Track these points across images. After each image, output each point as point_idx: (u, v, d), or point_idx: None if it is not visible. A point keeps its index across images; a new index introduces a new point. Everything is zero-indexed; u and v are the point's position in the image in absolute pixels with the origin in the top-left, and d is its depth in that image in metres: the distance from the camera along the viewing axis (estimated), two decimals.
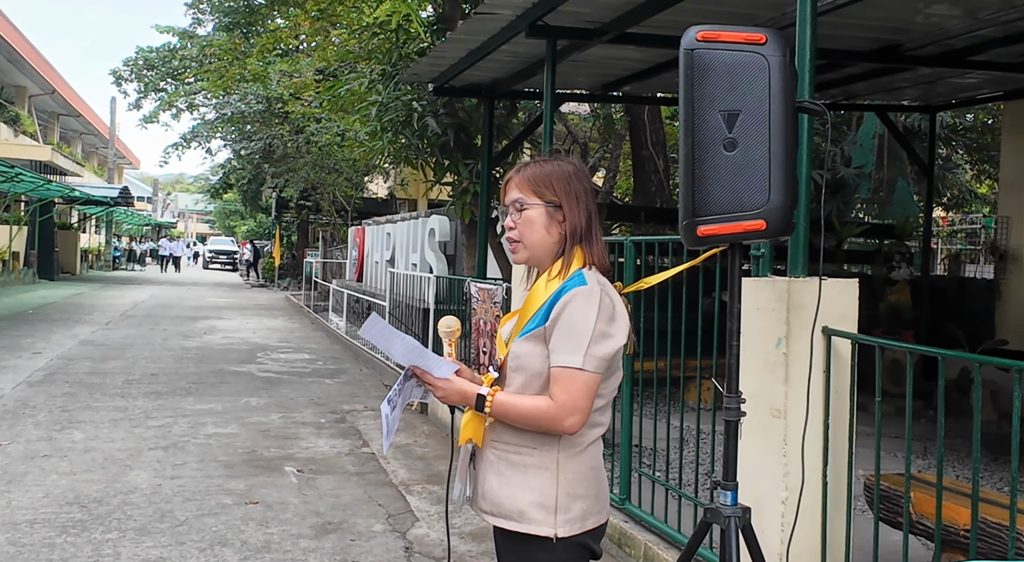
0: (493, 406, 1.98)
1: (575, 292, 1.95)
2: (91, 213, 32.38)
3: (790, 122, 2.39)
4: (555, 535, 1.97)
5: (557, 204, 2.06)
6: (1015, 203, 8.76)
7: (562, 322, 1.94)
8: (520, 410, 1.96)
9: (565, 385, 1.92)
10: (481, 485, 2.08)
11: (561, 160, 2.15)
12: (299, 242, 30.55)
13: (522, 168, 2.12)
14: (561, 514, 1.98)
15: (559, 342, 1.93)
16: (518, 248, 2.10)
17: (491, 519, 2.05)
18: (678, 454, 4.98)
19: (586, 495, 2.01)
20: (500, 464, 2.04)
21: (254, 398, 8.32)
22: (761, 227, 2.36)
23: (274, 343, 13.24)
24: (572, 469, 2.00)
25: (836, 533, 2.88)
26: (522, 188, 2.08)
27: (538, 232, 2.06)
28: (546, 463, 1.99)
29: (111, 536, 4.20)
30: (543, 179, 2.08)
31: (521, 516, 1.99)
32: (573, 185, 2.08)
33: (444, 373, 2.02)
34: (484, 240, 7.93)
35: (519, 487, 2.00)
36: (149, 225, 48.95)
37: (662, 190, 13.31)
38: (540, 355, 1.97)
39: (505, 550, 2.07)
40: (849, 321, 2.91)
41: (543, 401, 1.94)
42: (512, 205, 2.09)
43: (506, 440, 2.03)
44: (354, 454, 6.32)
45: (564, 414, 1.91)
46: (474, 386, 2.02)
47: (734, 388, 2.46)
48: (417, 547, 4.33)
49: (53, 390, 8.08)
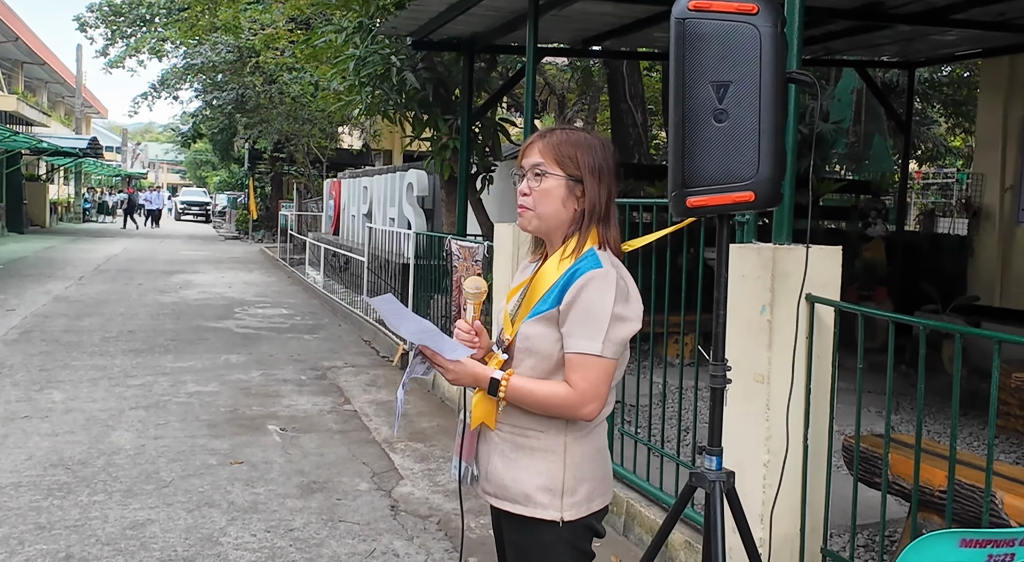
0: (508, 391, 1.93)
1: (591, 275, 1.90)
2: (59, 164, 31.77)
3: (780, 93, 2.38)
4: (561, 519, 1.95)
5: (578, 178, 1.99)
6: (990, 161, 8.85)
7: (578, 306, 1.89)
8: (538, 397, 1.92)
9: (584, 372, 1.88)
10: (484, 467, 2.05)
11: (585, 133, 2.07)
12: (273, 194, 30.22)
13: (548, 133, 2.04)
14: (568, 497, 1.96)
15: (575, 326, 1.89)
16: (528, 216, 2.02)
17: (495, 502, 2.03)
18: (660, 410, 5.05)
19: (592, 477, 2.00)
20: (505, 446, 2.00)
21: (233, 355, 8.31)
22: (750, 199, 2.37)
23: (251, 298, 13.17)
24: (579, 452, 1.98)
25: (816, 494, 2.96)
26: (545, 154, 2.00)
27: (553, 204, 1.99)
28: (553, 446, 1.97)
29: (97, 498, 4.21)
30: (569, 149, 1.99)
31: (527, 500, 1.97)
32: (597, 160, 2.00)
33: (457, 355, 1.96)
34: (464, 196, 7.90)
35: (525, 470, 1.97)
36: (119, 176, 48.13)
37: (640, 144, 13.28)
38: (551, 337, 1.93)
39: (509, 530, 2.05)
40: (832, 288, 2.95)
41: (561, 388, 1.90)
42: (531, 170, 2.01)
43: (513, 422, 1.99)
44: (336, 412, 6.35)
45: (584, 401, 1.88)
46: (487, 369, 1.97)
47: (720, 356, 2.49)
48: (403, 506, 4.39)
49: (30, 349, 8.02)
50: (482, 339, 2.10)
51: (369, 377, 7.72)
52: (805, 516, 2.96)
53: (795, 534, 2.98)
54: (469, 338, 2.07)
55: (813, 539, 3.00)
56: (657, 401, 5.71)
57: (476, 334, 2.08)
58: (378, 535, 3.95)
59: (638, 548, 3.92)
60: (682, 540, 3.57)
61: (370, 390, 7.17)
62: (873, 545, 3.65)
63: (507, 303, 2.14)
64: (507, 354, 2.02)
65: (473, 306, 2.07)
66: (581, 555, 2.05)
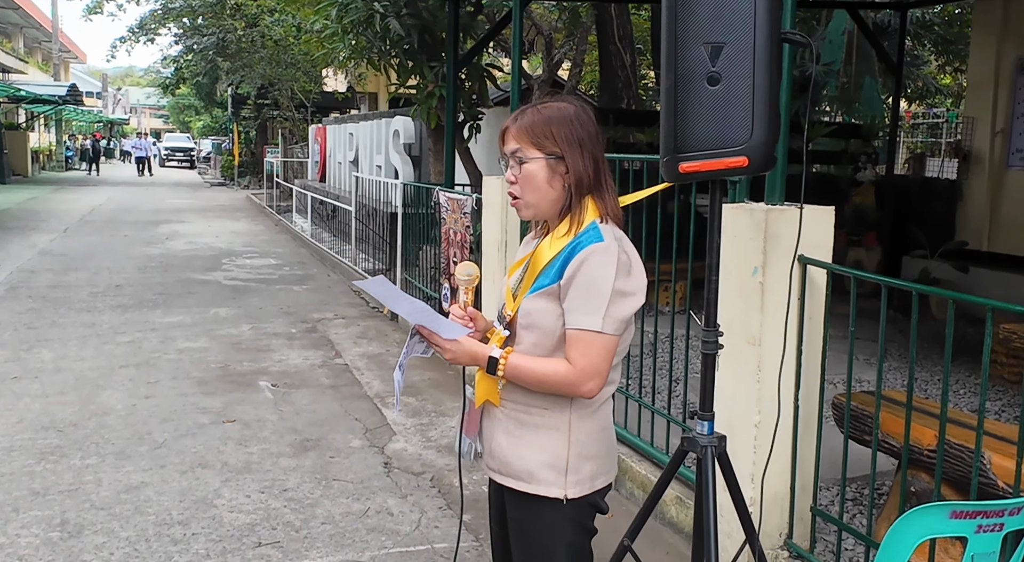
0: (506, 369, 1.90)
1: (592, 249, 1.85)
2: (39, 112, 31.19)
3: (775, 54, 2.32)
4: (565, 497, 1.95)
5: (559, 155, 1.92)
6: (981, 104, 8.77)
7: (578, 281, 1.85)
8: (536, 374, 1.89)
9: (584, 349, 1.84)
10: (488, 443, 2.04)
11: (561, 102, 1.99)
12: (258, 139, 29.85)
13: (519, 115, 1.98)
14: (572, 475, 1.95)
15: (576, 302, 1.85)
16: (520, 205, 1.97)
17: (499, 478, 2.02)
18: (651, 361, 5.06)
19: (597, 455, 1.99)
20: (509, 423, 1.99)
21: (223, 309, 8.28)
22: (743, 164, 2.32)
23: (239, 248, 13.09)
24: (584, 430, 1.96)
25: (806, 454, 2.98)
26: (520, 139, 1.94)
27: (539, 188, 1.94)
28: (558, 424, 1.95)
29: (90, 461, 4.22)
30: (542, 128, 1.93)
31: (531, 477, 1.96)
32: (576, 131, 1.93)
33: (453, 334, 1.94)
34: (452, 145, 7.78)
35: (529, 447, 1.96)
36: (100, 122, 47.37)
37: (629, 87, 13.08)
38: (552, 313, 1.89)
39: (512, 507, 2.04)
40: (824, 249, 2.93)
41: (561, 365, 1.87)
42: (512, 157, 1.96)
43: (516, 399, 1.97)
44: (327, 366, 6.36)
45: (584, 378, 1.85)
46: (485, 347, 1.94)
47: (713, 321, 2.48)
48: (396, 462, 4.42)
49: (16, 306, 7.96)
50: (477, 323, 2.08)
51: (359, 329, 7.71)
52: (795, 475, 2.99)
53: (785, 492, 3.01)
54: (464, 323, 2.05)
55: (803, 497, 3.03)
56: (648, 351, 5.72)
57: (471, 319, 2.06)
58: (372, 494, 3.98)
59: (629, 502, 3.97)
60: (673, 496, 3.61)
61: (361, 343, 7.17)
62: (861, 498, 3.70)
63: (508, 278, 2.11)
64: (508, 330, 1.99)
65: (465, 291, 2.05)
66: (583, 531, 2.05)
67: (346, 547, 3.43)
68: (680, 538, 3.60)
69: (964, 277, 8.04)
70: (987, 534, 1.86)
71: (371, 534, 3.56)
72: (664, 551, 3.51)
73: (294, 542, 3.45)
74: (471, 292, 2.06)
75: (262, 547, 3.40)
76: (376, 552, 3.40)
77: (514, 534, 2.10)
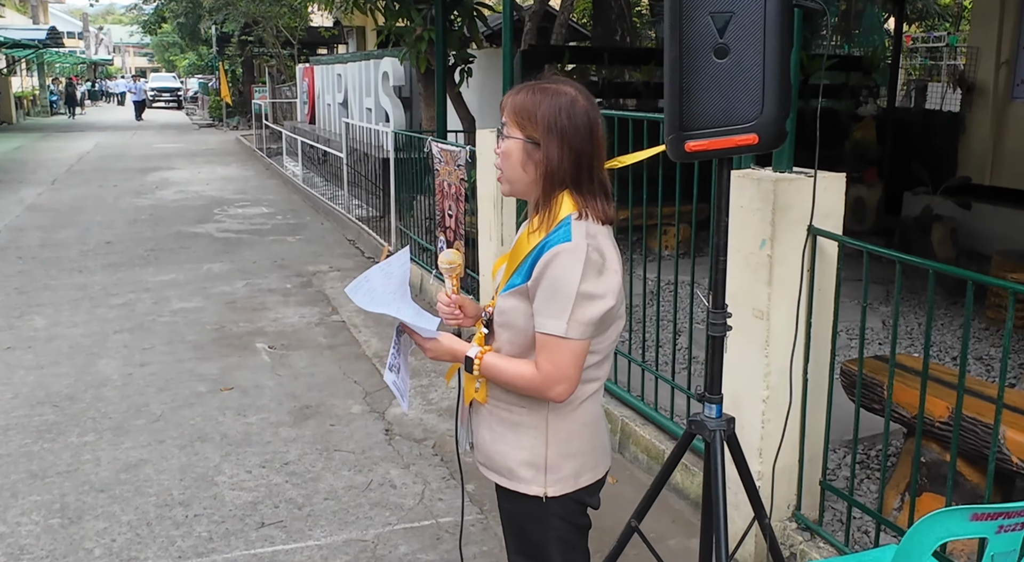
0: (481, 369, 1.88)
1: (557, 250, 1.76)
2: (20, 56, 30.48)
3: (786, 22, 2.18)
4: (545, 495, 1.92)
5: (536, 141, 1.83)
6: (985, 34, 8.53)
7: (544, 283, 1.77)
8: (506, 377, 1.86)
9: (549, 354, 1.78)
10: (475, 437, 2.04)
11: (564, 86, 1.87)
12: (245, 78, 29.28)
13: (517, 90, 1.88)
14: (551, 474, 1.92)
15: (542, 304, 1.78)
16: (502, 180, 1.91)
17: (484, 472, 2.02)
18: (654, 309, 4.98)
19: (579, 453, 1.94)
20: (492, 419, 1.96)
21: (216, 264, 8.18)
22: (753, 141, 2.20)
23: (230, 196, 12.91)
24: (564, 428, 1.92)
25: (815, 426, 2.92)
26: (508, 114, 1.87)
27: (514, 167, 1.86)
28: (535, 422, 1.91)
29: (88, 439, 4.17)
30: (528, 110, 1.83)
31: (511, 474, 1.94)
32: (560, 121, 1.81)
33: (431, 334, 1.91)
34: (442, 92, 7.56)
35: (509, 444, 1.94)
36: (83, 64, 46.39)
37: (623, 18, 12.73)
38: (525, 312, 1.83)
39: (500, 498, 2.04)
40: (834, 218, 2.82)
41: (527, 369, 1.82)
42: (501, 130, 1.89)
43: (498, 396, 1.94)
44: (324, 324, 6.29)
45: (550, 384, 1.80)
46: (464, 346, 1.91)
47: (720, 303, 2.39)
48: (397, 429, 4.37)
49: (7, 269, 7.84)
50: (466, 309, 2.05)
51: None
52: (804, 448, 2.94)
53: (794, 465, 2.96)
54: (451, 311, 2.03)
55: (812, 469, 2.98)
56: (651, 300, 5.64)
57: (458, 307, 2.03)
58: (374, 464, 3.94)
59: (634, 466, 3.94)
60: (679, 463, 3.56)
61: None
62: (869, 460, 3.66)
63: (495, 272, 2.04)
64: (488, 328, 1.96)
65: (450, 278, 1.99)
66: (572, 527, 2.02)
67: (350, 525, 3.40)
68: (686, 504, 3.58)
69: (966, 214, 7.93)
70: (1008, 533, 1.81)
71: (374, 509, 3.53)
72: (670, 519, 3.48)
73: (297, 521, 3.42)
74: (456, 280, 2.02)
75: (265, 528, 3.37)
76: (380, 529, 3.37)
77: (504, 523, 2.10)
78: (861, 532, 3.07)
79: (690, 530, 3.38)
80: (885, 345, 5.24)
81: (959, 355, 4.98)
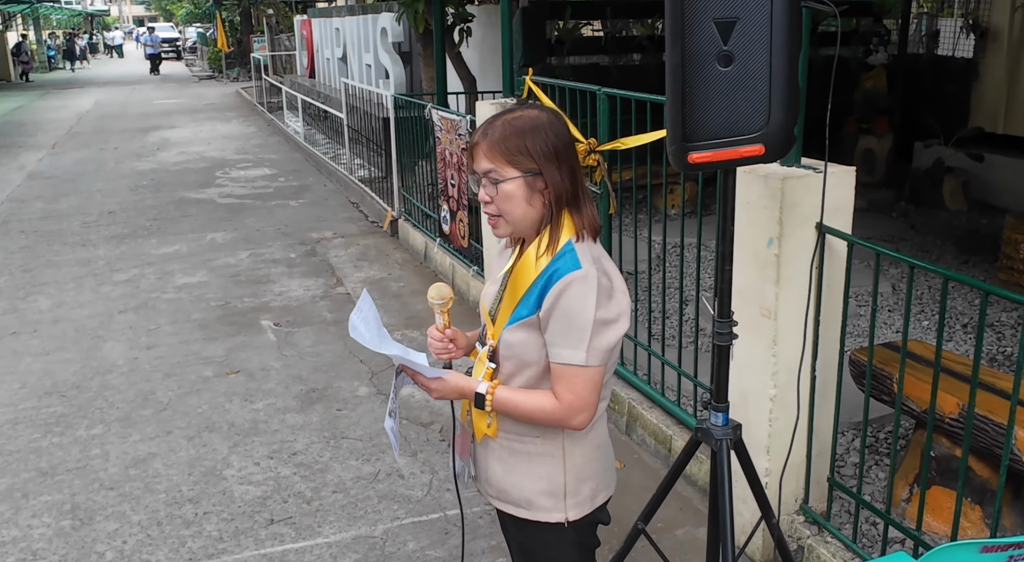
0: (494, 405, 1.83)
1: (569, 279, 1.73)
2: (14, 11, 30.01)
3: (794, 25, 2.08)
4: (566, 520, 1.91)
5: (536, 171, 1.78)
6: None
7: (558, 314, 1.74)
8: (523, 411, 1.82)
9: (569, 384, 1.76)
10: (484, 470, 1.99)
11: (531, 111, 1.83)
12: (243, 27, 28.82)
13: (489, 129, 1.80)
14: (571, 498, 1.91)
15: (557, 335, 1.75)
16: (499, 223, 1.84)
17: (498, 504, 1.99)
18: (660, 277, 4.93)
19: (594, 475, 1.94)
20: (503, 452, 1.93)
21: (219, 233, 8.12)
22: (760, 152, 2.12)
23: (232, 156, 12.79)
24: (579, 453, 1.91)
25: (823, 423, 2.89)
26: (493, 157, 1.78)
27: (519, 207, 1.80)
28: (551, 450, 1.89)
29: (96, 432, 4.17)
30: (515, 142, 1.77)
31: (529, 505, 1.92)
32: (551, 142, 1.78)
33: (436, 373, 1.86)
34: (441, 53, 7.39)
35: (525, 476, 1.91)
36: (80, 16, 45.69)
37: None
38: (535, 344, 1.80)
39: (513, 528, 2.02)
40: (844, 214, 2.74)
41: (548, 401, 1.79)
42: (485, 177, 1.81)
43: (508, 428, 1.90)
44: (329, 297, 6.26)
45: (572, 414, 1.78)
46: (471, 382, 1.86)
47: (726, 312, 2.34)
48: (404, 412, 4.36)
49: (10, 244, 7.80)
50: (457, 342, 2.01)
51: (360, 249, 7.58)
52: (812, 443, 2.91)
53: (801, 461, 2.94)
54: (443, 346, 1.98)
55: (820, 464, 2.96)
56: (656, 266, 5.57)
57: (450, 340, 1.98)
58: (381, 453, 3.95)
59: (641, 449, 3.94)
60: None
61: (361, 266, 7.05)
62: (877, 444, 3.64)
63: (484, 293, 1.99)
64: (493, 362, 1.90)
65: (440, 313, 1.94)
66: (585, 549, 2.03)
67: (358, 519, 3.41)
68: (694, 491, 3.58)
69: (978, 166, 7.79)
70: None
71: (383, 502, 3.54)
72: (678, 507, 3.49)
73: (306, 517, 3.43)
74: (447, 314, 1.97)
75: (275, 525, 3.38)
76: (389, 524, 3.38)
77: (516, 554, 2.10)
78: (869, 524, 3.06)
79: (698, 519, 3.39)
80: (895, 312, 5.18)
81: (970, 324, 4.93)
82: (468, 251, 6.16)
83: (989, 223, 7.23)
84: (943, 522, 2.91)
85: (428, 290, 1.93)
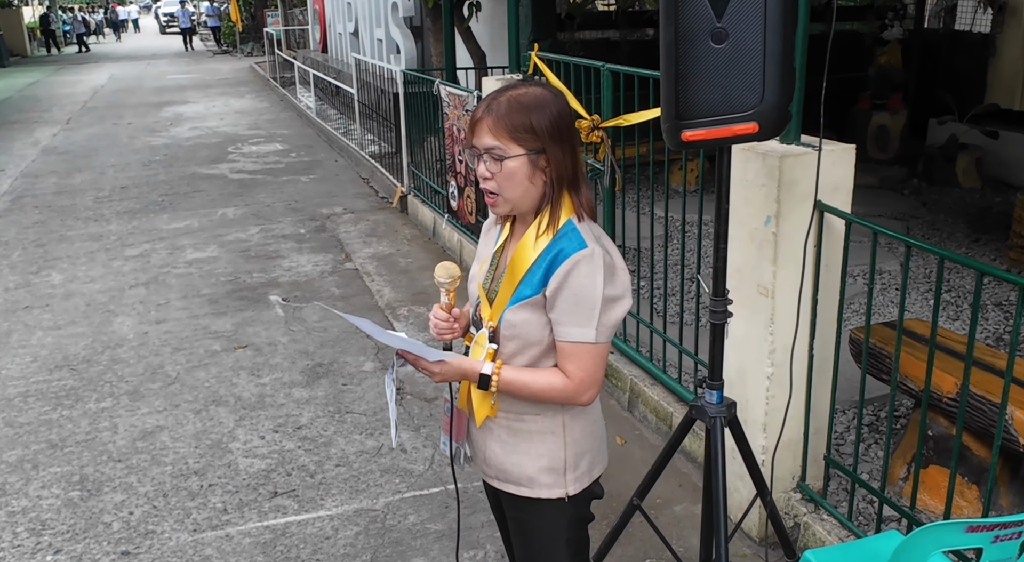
0: (500, 385, 1.84)
1: (576, 258, 1.74)
2: None
3: (790, 3, 2.07)
4: (567, 495, 1.94)
5: (540, 149, 1.77)
6: None
7: (566, 293, 1.75)
8: (532, 390, 1.83)
9: (580, 361, 1.78)
10: (482, 450, 1.99)
11: (534, 88, 1.81)
12: (257, 1, 28.73)
13: (493, 104, 1.78)
14: (570, 473, 1.93)
15: (565, 314, 1.77)
16: (497, 201, 1.83)
17: (498, 484, 1.99)
18: (663, 255, 4.91)
19: (591, 448, 1.97)
20: (502, 431, 1.93)
21: (230, 208, 8.17)
22: (753, 130, 2.12)
23: (244, 132, 12.82)
24: (579, 428, 1.93)
25: (820, 400, 2.89)
26: (498, 133, 1.76)
27: (520, 185, 1.79)
28: (552, 427, 1.91)
29: (105, 405, 4.24)
30: (522, 122, 1.75)
31: (531, 482, 1.93)
32: (554, 120, 1.77)
33: (438, 355, 1.86)
34: (450, 29, 7.36)
35: (526, 454, 1.92)
36: None
37: None
38: (538, 323, 1.81)
39: (511, 507, 2.03)
40: (843, 192, 2.73)
41: (557, 378, 1.81)
42: (488, 153, 1.78)
43: (506, 408, 1.91)
44: (337, 273, 6.29)
45: (582, 390, 1.80)
46: (475, 364, 1.85)
47: (721, 290, 2.35)
48: (408, 387, 4.40)
49: (23, 219, 7.88)
50: (461, 322, 2.00)
51: (369, 225, 7.60)
52: (809, 422, 2.92)
53: (798, 439, 2.95)
54: (448, 326, 1.96)
55: (817, 441, 2.97)
56: (659, 245, 5.57)
57: (455, 320, 1.97)
58: (385, 428, 3.98)
59: (643, 425, 3.96)
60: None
61: (371, 242, 7.07)
62: (878, 422, 3.64)
63: (478, 272, 1.99)
64: (494, 342, 1.89)
65: (447, 292, 1.94)
66: (581, 522, 2.05)
67: (360, 493, 3.46)
68: (694, 468, 3.60)
69: (993, 143, 7.70)
70: (1005, 542, 1.80)
71: (385, 476, 3.58)
72: (677, 483, 3.51)
73: (309, 489, 3.48)
74: (453, 293, 1.96)
75: (278, 497, 3.43)
76: (390, 497, 3.43)
77: (514, 532, 2.10)
78: (866, 502, 3.07)
79: (697, 495, 3.40)
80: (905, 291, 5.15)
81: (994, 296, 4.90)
82: (475, 227, 6.17)
83: (1003, 201, 7.16)
84: (940, 501, 2.92)
85: (435, 269, 1.93)
